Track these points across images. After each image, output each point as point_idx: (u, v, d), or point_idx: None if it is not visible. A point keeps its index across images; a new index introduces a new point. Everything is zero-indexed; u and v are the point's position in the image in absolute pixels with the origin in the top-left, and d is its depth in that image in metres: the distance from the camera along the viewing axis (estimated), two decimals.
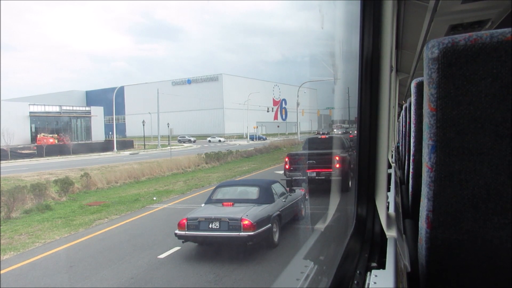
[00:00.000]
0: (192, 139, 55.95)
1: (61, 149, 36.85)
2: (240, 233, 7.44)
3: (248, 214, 7.71)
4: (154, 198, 13.88)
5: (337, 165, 12.27)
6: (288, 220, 9.09)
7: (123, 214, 11.96)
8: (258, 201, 8.43)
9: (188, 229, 7.71)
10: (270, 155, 31.21)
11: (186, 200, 13.58)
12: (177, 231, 7.84)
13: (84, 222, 11.06)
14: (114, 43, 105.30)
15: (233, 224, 7.50)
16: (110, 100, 71.91)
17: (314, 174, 12.56)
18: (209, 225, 7.62)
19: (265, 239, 7.89)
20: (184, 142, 53.84)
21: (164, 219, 10.99)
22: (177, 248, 8.18)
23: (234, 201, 8.54)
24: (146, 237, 9.52)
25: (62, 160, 31.88)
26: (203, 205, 8.88)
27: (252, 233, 7.42)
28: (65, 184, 16.25)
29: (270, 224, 7.89)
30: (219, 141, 54.37)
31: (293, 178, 13.01)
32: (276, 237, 8.17)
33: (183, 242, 7.96)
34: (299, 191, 10.40)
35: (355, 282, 1.13)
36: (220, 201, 8.71)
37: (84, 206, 13.22)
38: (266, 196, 8.59)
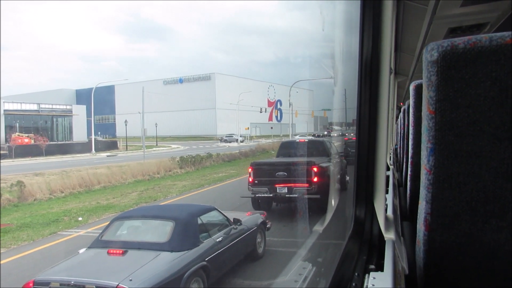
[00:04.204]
0: (240, 138, 51.69)
1: (34, 150, 34.44)
2: None
3: (133, 276, 4.52)
4: (80, 219, 10.81)
5: (315, 179, 9.27)
6: (227, 269, 6.03)
7: (15, 246, 8.52)
8: (168, 246, 5.24)
9: None
10: (255, 158, 28.27)
11: None
12: None
13: None
14: (104, 42, 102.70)
15: None
16: (101, 99, 69.50)
17: (285, 190, 9.54)
18: None
19: None
20: (229, 142, 49.87)
21: (60, 258, 7.60)
22: None
23: (130, 246, 5.30)
24: None
25: (29, 162, 29.21)
26: (82, 250, 5.59)
27: None
28: None
29: None
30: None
31: (257, 195, 9.95)
32: None
33: None
34: (257, 217, 7.36)
35: (353, 284, 1.14)
36: (108, 245, 5.45)
37: None
38: (184, 236, 5.45)
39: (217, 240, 5.85)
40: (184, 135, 63.77)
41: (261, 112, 59.35)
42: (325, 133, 48.38)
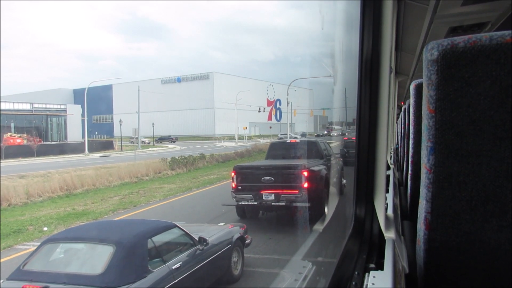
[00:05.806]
0: (298, 137, 49.07)
1: (26, 150, 33.67)
2: None
3: None
4: (45, 229, 9.75)
5: (305, 184, 8.24)
6: None
7: None
8: (102, 281, 3.96)
9: None
10: (252, 159, 27.07)
11: None
12: None
13: None
14: (102, 41, 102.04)
15: None
16: (98, 98, 68.56)
17: (272, 197, 8.51)
18: None
19: None
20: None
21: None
22: None
23: (53, 280, 3.99)
24: None
25: (18, 163, 28.17)
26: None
27: None
28: None
29: None
30: None
31: (240, 203, 8.91)
32: None
33: None
34: (233, 232, 6.28)
35: (353, 283, 1.13)
36: (29, 277, 4.14)
37: None
38: (125, 266, 4.21)
39: (174, 267, 4.63)
40: (182, 134, 63.10)
41: (259, 111, 58.35)
42: (325, 132, 47.34)
